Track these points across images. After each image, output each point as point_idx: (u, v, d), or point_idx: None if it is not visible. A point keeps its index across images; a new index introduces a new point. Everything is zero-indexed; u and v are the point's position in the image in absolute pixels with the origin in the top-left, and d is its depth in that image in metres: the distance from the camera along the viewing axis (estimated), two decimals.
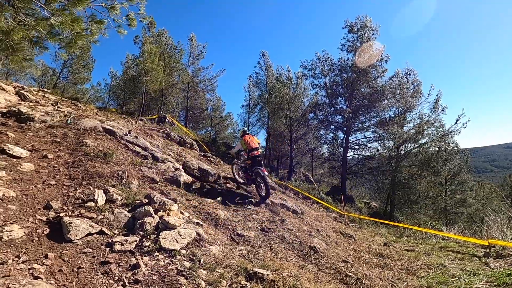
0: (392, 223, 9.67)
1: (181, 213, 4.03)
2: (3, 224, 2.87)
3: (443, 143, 17.15)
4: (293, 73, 23.12)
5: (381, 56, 18.03)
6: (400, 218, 16.03)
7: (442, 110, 17.12)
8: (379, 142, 18.84)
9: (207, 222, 4.40)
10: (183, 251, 3.10)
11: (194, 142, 10.53)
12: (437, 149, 16.96)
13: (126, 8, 2.82)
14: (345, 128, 19.17)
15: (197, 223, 3.91)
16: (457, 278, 3.82)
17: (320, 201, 10.03)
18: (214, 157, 9.89)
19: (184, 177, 5.93)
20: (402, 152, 17.33)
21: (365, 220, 9.95)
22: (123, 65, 24.90)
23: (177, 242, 3.13)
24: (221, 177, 7.25)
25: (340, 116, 19.86)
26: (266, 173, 6.43)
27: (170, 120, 14.94)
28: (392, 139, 17.35)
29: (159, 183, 5.30)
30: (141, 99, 18.33)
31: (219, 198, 5.83)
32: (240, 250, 3.78)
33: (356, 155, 20.49)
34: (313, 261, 4.21)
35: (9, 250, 2.57)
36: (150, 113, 20.50)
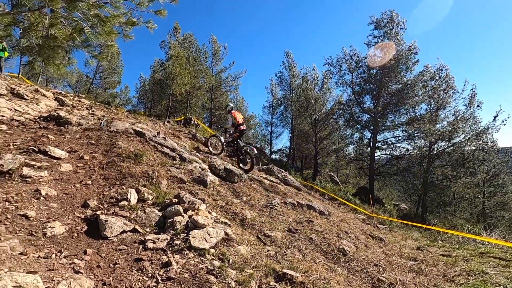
0: (425, 226, 9.21)
1: (209, 212, 4.08)
2: (47, 220, 3.06)
3: (480, 142, 16.10)
4: (319, 72, 22.77)
5: (410, 49, 17.28)
6: (433, 221, 15.24)
7: (478, 106, 16.11)
8: (409, 141, 18.03)
9: (234, 222, 4.43)
10: (212, 250, 3.13)
11: None
12: (473, 148, 15.96)
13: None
14: (372, 127, 18.56)
15: (225, 223, 3.95)
16: (501, 287, 3.55)
17: (347, 203, 9.78)
18: None
19: (211, 178, 6.02)
20: (435, 152, 16.46)
21: (395, 222, 9.56)
22: (151, 69, 25.88)
23: (206, 241, 3.17)
24: (247, 178, 7.28)
25: (367, 115, 19.28)
26: (255, 151, 7.79)
27: (196, 122, 15.26)
28: (424, 138, 16.55)
29: (187, 183, 5.42)
30: (167, 102, 18.90)
31: (245, 198, 5.86)
32: (268, 250, 3.76)
33: (384, 155, 19.80)
34: (343, 264, 4.10)
35: (52, 245, 2.73)
36: (176, 115, 21.09)
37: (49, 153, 4.79)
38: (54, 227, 2.95)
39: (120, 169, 4.85)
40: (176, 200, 3.95)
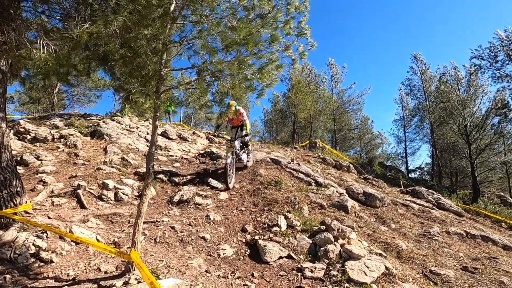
0: None
1: (359, 241, 3.80)
2: (219, 243, 3.57)
3: None
4: (462, 68, 18.84)
5: None
6: None
7: None
8: None
9: (388, 253, 3.94)
10: (374, 286, 2.84)
11: (351, 165, 10.15)
12: None
13: (296, 44, 3.19)
14: None
15: (380, 254, 3.56)
16: None
17: None
18: (376, 179, 9.12)
19: (350, 202, 5.69)
20: None
21: None
22: (270, 101, 28.21)
23: (365, 274, 2.92)
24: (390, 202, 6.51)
25: None
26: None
27: (321, 145, 15.23)
28: None
29: (326, 208, 5.30)
30: (291, 129, 19.83)
31: (393, 226, 5.19)
32: None
33: None
34: None
35: (226, 266, 3.13)
36: (300, 140, 21.72)
37: (210, 184, 5.74)
38: (225, 249, 3.41)
39: (265, 196, 5.25)
40: (324, 227, 3.88)
